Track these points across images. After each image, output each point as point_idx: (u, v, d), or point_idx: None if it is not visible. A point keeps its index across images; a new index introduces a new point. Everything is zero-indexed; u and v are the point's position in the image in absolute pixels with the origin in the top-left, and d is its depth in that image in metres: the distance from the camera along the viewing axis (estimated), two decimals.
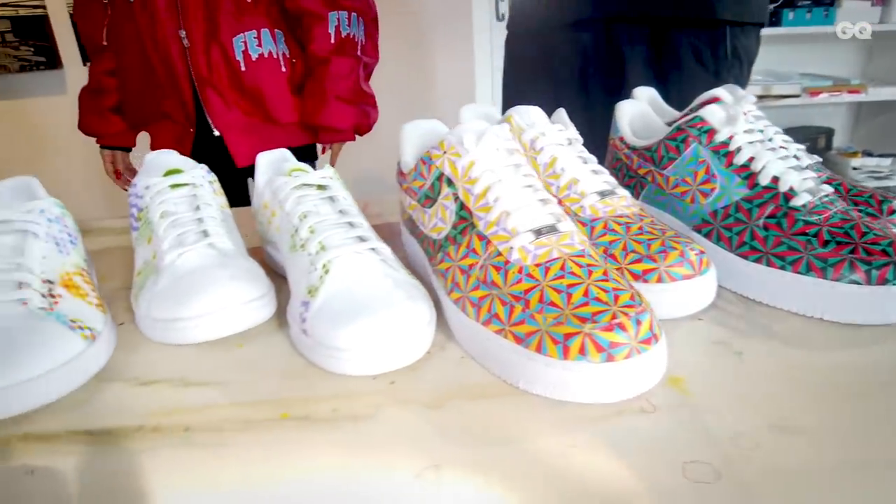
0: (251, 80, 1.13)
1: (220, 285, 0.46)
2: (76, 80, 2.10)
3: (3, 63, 2.06)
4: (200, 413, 0.40)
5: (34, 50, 2.05)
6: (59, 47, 2.06)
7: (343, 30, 1.16)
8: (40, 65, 2.06)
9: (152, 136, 1.28)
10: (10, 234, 0.49)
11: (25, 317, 0.42)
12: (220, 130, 1.16)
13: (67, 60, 2.08)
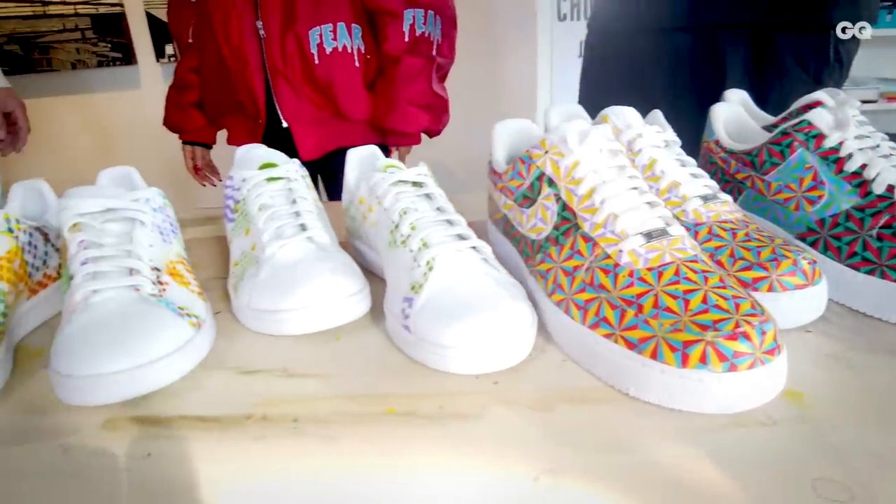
0: (323, 74, 1.14)
1: (321, 279, 0.47)
2: (149, 76, 2.17)
3: (82, 58, 2.14)
4: (307, 404, 0.40)
5: (111, 46, 2.13)
6: (134, 44, 2.13)
7: (418, 28, 1.16)
8: (116, 61, 2.14)
9: (228, 130, 1.31)
10: (118, 221, 0.50)
11: (138, 302, 0.44)
12: (289, 122, 1.18)
13: (142, 57, 2.15)
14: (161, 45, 2.10)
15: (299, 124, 1.18)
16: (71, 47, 2.13)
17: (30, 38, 2.14)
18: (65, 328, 0.42)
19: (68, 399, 0.39)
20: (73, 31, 2.11)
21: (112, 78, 2.19)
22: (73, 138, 2.26)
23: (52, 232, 0.57)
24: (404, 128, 1.19)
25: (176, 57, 2.10)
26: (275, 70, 1.14)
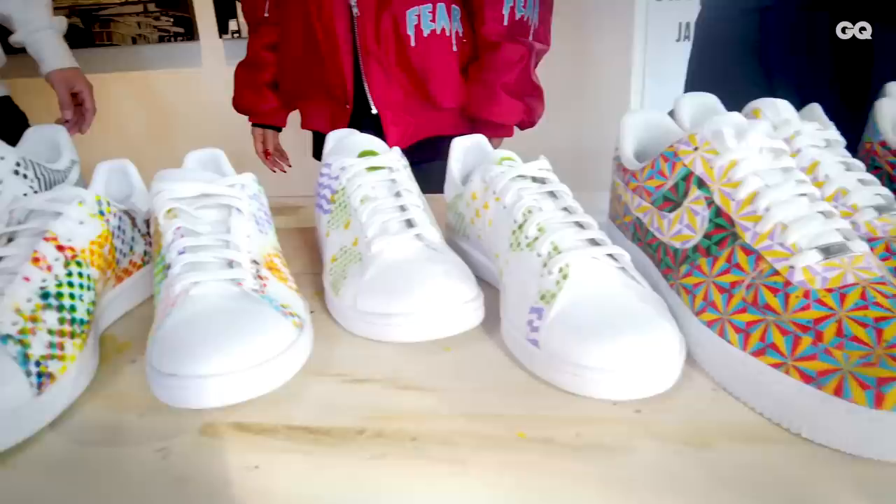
0: (419, 58, 1.14)
1: (435, 282, 0.46)
2: (211, 53, 2.23)
3: (142, 33, 2.22)
4: (425, 422, 0.39)
5: (173, 21, 2.19)
6: (196, 19, 2.19)
7: (518, 11, 1.15)
8: (178, 36, 2.21)
9: (305, 113, 1.32)
10: (213, 208, 0.51)
11: (241, 298, 0.44)
12: (378, 108, 1.18)
13: (204, 32, 2.21)
14: (225, 20, 2.15)
15: (389, 110, 1.19)
16: (132, 21, 2.21)
17: (91, 10, 2.23)
18: (164, 322, 0.42)
19: (169, 400, 0.39)
20: (135, 4, 2.18)
21: (173, 54, 2.25)
22: (129, 116, 2.34)
23: (139, 216, 0.58)
24: (500, 118, 1.18)
25: (239, 33, 2.15)
26: (366, 52, 1.15)
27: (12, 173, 0.58)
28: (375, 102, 1.19)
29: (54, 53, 1.34)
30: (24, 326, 0.41)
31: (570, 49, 2.08)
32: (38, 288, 0.43)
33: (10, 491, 0.36)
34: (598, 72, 2.11)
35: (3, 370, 0.39)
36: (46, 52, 1.33)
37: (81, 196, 0.49)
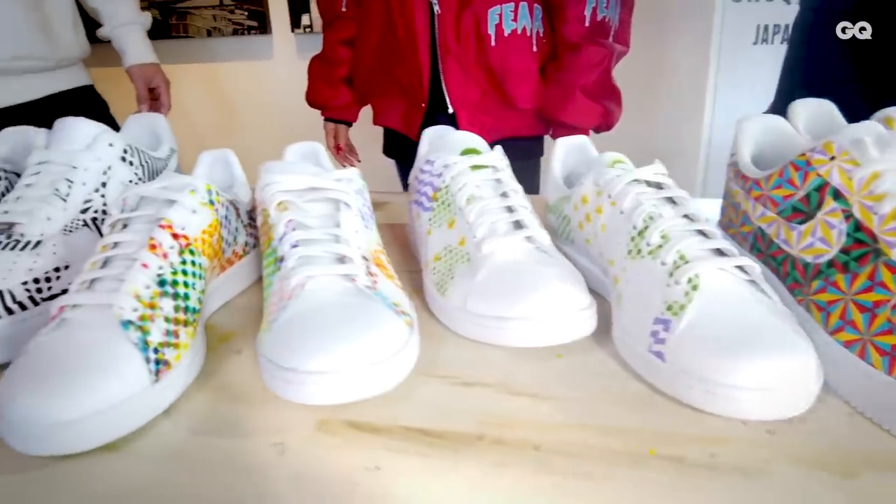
0: (498, 58, 1.13)
1: (550, 287, 0.45)
2: (283, 46, 2.26)
3: (217, 26, 2.26)
4: (546, 431, 0.38)
5: (247, 14, 2.23)
6: (270, 13, 2.22)
7: (600, 12, 1.12)
8: (252, 29, 2.24)
9: (379, 110, 1.32)
10: (321, 202, 0.50)
11: (354, 295, 0.43)
12: (455, 108, 1.18)
13: (277, 26, 2.24)
14: (297, 14, 2.18)
15: (465, 110, 1.18)
16: (208, 14, 2.26)
17: (169, 3, 2.28)
18: (279, 315, 0.42)
19: (287, 394, 0.39)
20: None
21: (245, 47, 2.29)
22: (201, 107, 2.39)
23: (242, 206, 0.58)
24: (577, 121, 1.16)
25: (311, 28, 2.17)
26: (445, 50, 1.14)
27: (120, 160, 0.59)
28: (452, 102, 1.18)
29: (136, 48, 1.37)
30: (143, 313, 0.41)
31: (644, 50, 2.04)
32: (156, 275, 0.44)
33: (129, 477, 0.36)
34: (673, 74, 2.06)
35: (125, 356, 0.39)
36: (129, 47, 1.36)
37: (193, 185, 0.49)
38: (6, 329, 0.47)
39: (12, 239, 0.51)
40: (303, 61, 2.30)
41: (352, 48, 1.33)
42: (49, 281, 0.50)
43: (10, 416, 0.36)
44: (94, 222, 0.56)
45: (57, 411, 0.35)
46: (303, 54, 2.24)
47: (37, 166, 0.56)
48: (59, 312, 0.42)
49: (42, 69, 1.20)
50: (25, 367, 0.38)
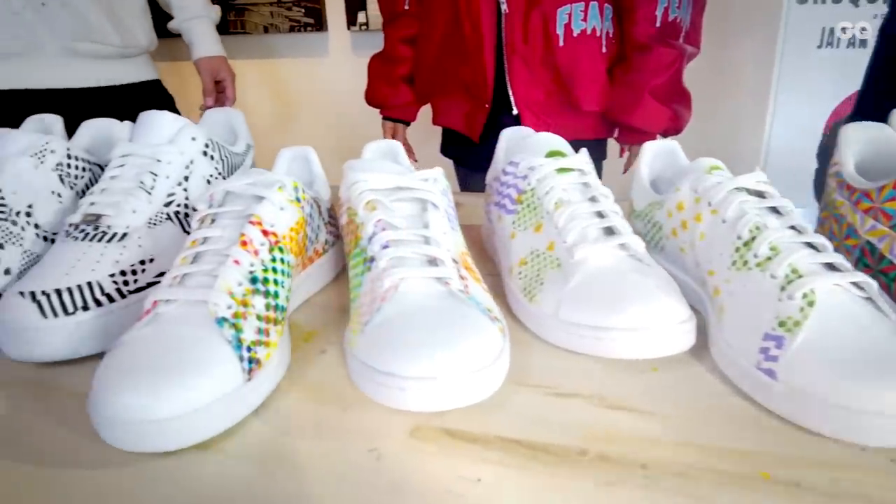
0: (566, 58, 1.11)
1: (650, 298, 0.43)
2: (338, 44, 2.27)
3: (274, 22, 2.28)
4: (652, 448, 0.36)
5: (304, 11, 2.25)
6: (326, 10, 2.23)
7: (671, 12, 1.09)
8: (308, 26, 2.26)
9: (439, 109, 1.31)
10: (408, 202, 0.49)
11: (448, 298, 0.42)
12: (519, 109, 1.16)
13: (333, 24, 2.25)
14: (354, 12, 2.18)
15: (530, 111, 1.16)
16: (265, 10, 2.28)
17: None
18: (373, 317, 0.41)
19: (383, 399, 0.38)
20: None
21: (301, 44, 2.31)
22: (255, 103, 2.41)
23: (323, 204, 0.58)
24: (645, 125, 1.13)
25: (367, 25, 2.18)
26: (512, 49, 1.13)
27: (202, 154, 0.59)
28: (517, 102, 1.17)
29: (204, 41, 1.39)
30: (237, 310, 0.41)
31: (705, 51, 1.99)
32: (248, 272, 0.43)
33: (223, 477, 0.36)
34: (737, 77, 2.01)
35: (220, 354, 0.39)
36: (197, 39, 1.38)
37: (282, 181, 0.49)
38: (95, 321, 0.47)
39: (99, 231, 0.51)
40: (358, 59, 2.32)
41: (413, 46, 1.32)
42: (135, 273, 0.51)
43: (107, 411, 0.36)
44: (177, 216, 0.56)
45: (153, 409, 0.35)
46: (358, 52, 2.24)
47: (121, 158, 0.57)
48: (153, 307, 0.41)
49: (109, 55, 1.22)
50: (121, 362, 0.38)
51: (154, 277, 0.52)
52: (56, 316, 0.46)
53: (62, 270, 0.48)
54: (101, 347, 0.48)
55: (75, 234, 0.51)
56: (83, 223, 0.52)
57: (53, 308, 0.46)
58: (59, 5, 1.13)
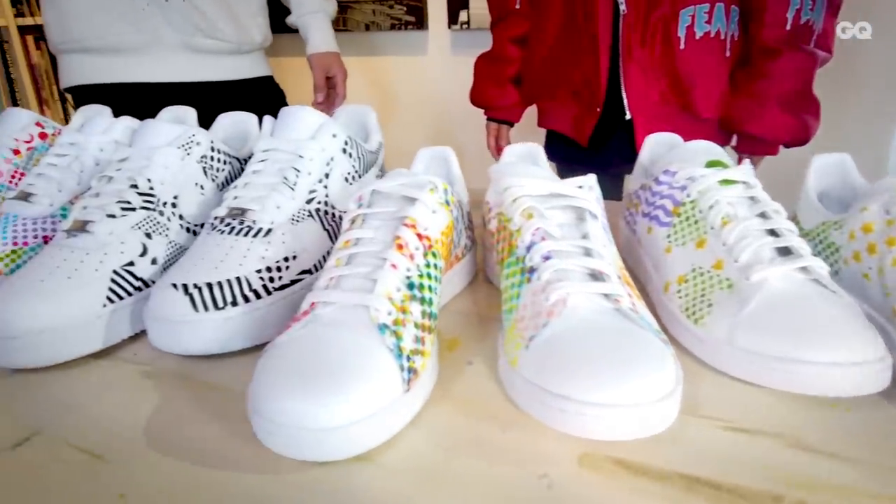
0: (686, 63, 1.05)
1: (846, 330, 0.38)
2: (438, 42, 2.26)
3: (376, 20, 2.29)
4: (856, 500, 0.32)
5: (406, 9, 2.24)
6: (428, 8, 2.23)
7: (804, 14, 1.02)
8: (408, 24, 2.25)
9: (547, 112, 1.28)
10: (562, 210, 0.47)
11: (618, 318, 0.39)
12: (633, 114, 1.11)
13: (433, 22, 2.24)
14: (456, 11, 2.16)
15: (643, 116, 1.11)
16: (367, 8, 2.29)
17: None
18: (538, 333, 0.38)
19: (555, 422, 0.36)
20: None
21: (400, 42, 2.31)
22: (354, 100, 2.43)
23: (464, 207, 0.56)
24: (769, 134, 1.06)
25: (468, 24, 2.16)
26: (628, 52, 1.08)
27: (341, 151, 0.58)
28: (630, 107, 1.11)
29: (320, 36, 1.39)
30: (397, 317, 0.39)
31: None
32: (405, 277, 0.41)
33: (386, 492, 0.34)
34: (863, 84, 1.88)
35: (382, 362, 0.37)
36: (312, 34, 1.38)
37: (433, 183, 0.47)
38: (243, 317, 0.47)
39: (244, 225, 0.51)
40: (457, 58, 2.30)
41: (522, 47, 1.29)
42: (280, 270, 0.50)
43: (268, 415, 0.34)
44: (318, 213, 0.54)
45: (315, 417, 0.34)
46: (457, 51, 2.22)
47: (264, 153, 0.56)
48: (311, 308, 0.40)
49: (225, 51, 1.24)
50: (282, 364, 0.36)
51: (297, 275, 0.51)
52: (207, 310, 0.45)
53: (211, 264, 0.47)
54: (247, 344, 0.47)
55: (221, 227, 0.51)
56: (228, 217, 0.51)
57: (205, 302, 0.45)
58: (181, 1, 1.15)
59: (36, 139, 0.70)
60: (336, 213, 0.56)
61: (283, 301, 0.49)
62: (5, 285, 0.47)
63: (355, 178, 0.59)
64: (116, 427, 0.40)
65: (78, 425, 0.41)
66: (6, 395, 0.45)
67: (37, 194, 0.60)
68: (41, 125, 0.71)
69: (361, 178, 0.61)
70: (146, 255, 0.52)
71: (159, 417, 0.41)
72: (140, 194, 0.53)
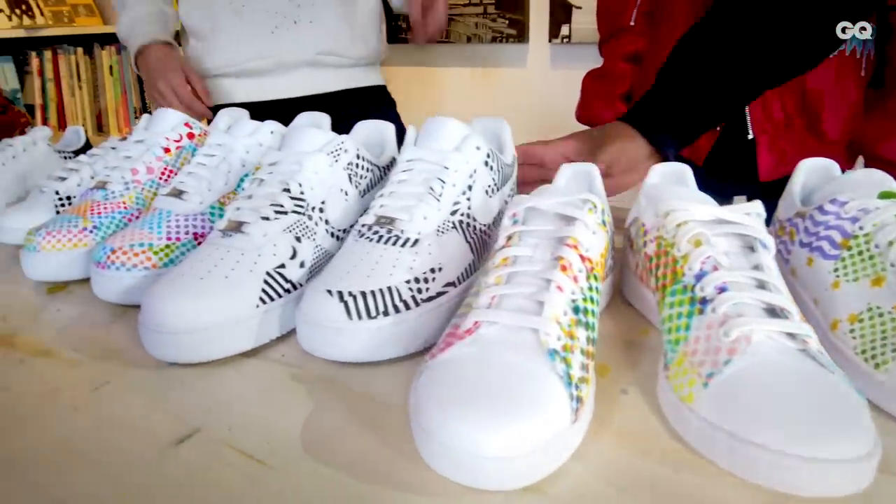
0: (817, 81, 0.98)
1: None
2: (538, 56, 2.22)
3: (478, 33, 2.28)
4: None
5: (508, 22, 2.22)
6: (530, 22, 2.20)
7: None
8: (509, 37, 2.23)
9: None
10: (726, 237, 0.43)
11: (808, 361, 0.35)
12: (755, 133, 1.05)
13: (534, 36, 2.21)
14: (557, 25, 2.12)
15: (766, 136, 1.04)
16: (471, 21, 2.27)
17: None
18: (720, 370, 0.35)
19: (747, 472, 0.32)
20: (476, 5, 2.25)
21: (500, 54, 2.28)
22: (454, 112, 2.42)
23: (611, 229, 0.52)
24: None
25: (569, 39, 2.11)
26: None
27: (483, 164, 0.55)
28: (753, 126, 1.05)
29: None
30: (566, 343, 0.36)
31: None
32: (570, 300, 0.39)
33: None
34: None
35: (553, 390, 0.34)
36: None
37: (592, 202, 0.44)
38: (392, 327, 0.45)
39: (392, 234, 0.49)
40: (555, 71, 2.26)
41: (635, 64, 1.24)
42: (426, 282, 0.48)
43: (441, 438, 0.32)
44: (461, 225, 0.52)
45: (484, 444, 0.31)
46: (556, 64, 2.18)
47: (409, 163, 0.54)
48: (475, 327, 0.38)
49: (346, 65, 1.24)
50: (451, 383, 0.35)
51: (442, 287, 0.49)
52: (360, 318, 0.44)
53: (363, 272, 0.46)
54: (395, 354, 0.46)
55: (369, 234, 0.50)
56: (377, 225, 0.50)
57: (358, 310, 0.44)
58: (309, 22, 1.16)
59: (184, 139, 0.72)
60: (477, 227, 0.54)
61: (430, 314, 0.47)
62: (166, 281, 0.47)
63: (494, 191, 0.57)
64: (275, 431, 0.39)
65: (236, 425, 0.40)
66: (163, 388, 0.45)
67: (188, 192, 0.60)
68: (189, 125, 0.72)
69: (499, 191, 0.58)
70: (296, 258, 0.51)
71: (316, 425, 0.40)
72: (292, 198, 0.53)
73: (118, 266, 0.54)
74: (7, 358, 0.50)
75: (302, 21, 1.16)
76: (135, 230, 0.57)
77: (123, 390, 0.45)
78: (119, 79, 2.50)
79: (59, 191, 0.74)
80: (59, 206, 0.73)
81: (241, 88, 1.21)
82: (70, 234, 0.61)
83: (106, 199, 0.65)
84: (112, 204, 0.65)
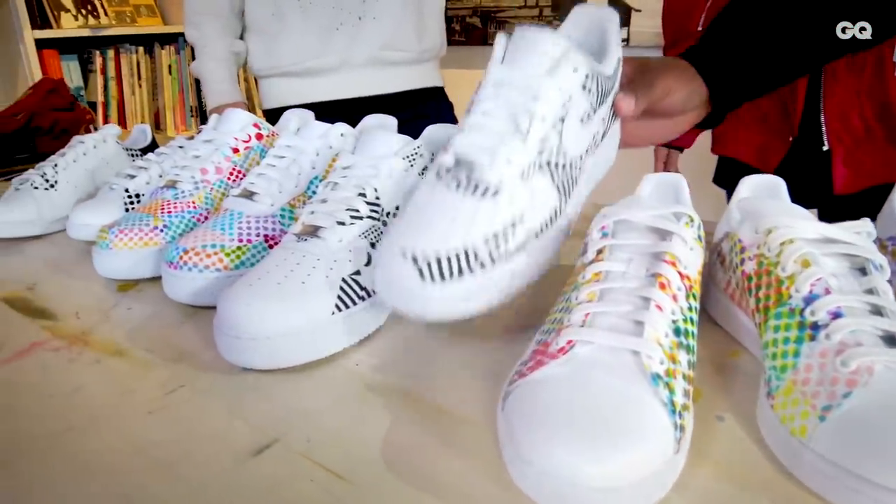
0: None
1: None
2: None
3: None
4: None
5: None
6: None
7: None
8: None
9: (725, 138, 1.18)
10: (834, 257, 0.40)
11: None
12: (831, 143, 1.00)
13: None
14: None
15: (843, 147, 1.00)
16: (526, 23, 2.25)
17: (491, 12, 2.32)
18: (839, 403, 0.32)
19: None
20: (532, 7, 2.22)
21: None
22: None
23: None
24: None
25: (627, 42, 2.07)
26: (832, 77, 0.97)
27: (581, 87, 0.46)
28: (829, 136, 1.00)
29: None
30: (669, 367, 0.34)
31: None
32: (671, 321, 0.36)
33: None
34: None
35: (657, 418, 0.32)
36: None
37: (689, 216, 0.42)
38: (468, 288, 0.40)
39: (472, 182, 0.42)
40: None
41: None
42: (505, 237, 0.42)
43: (540, 465, 0.31)
44: (549, 166, 0.45)
45: (593, 475, 0.30)
46: None
47: (494, 89, 0.46)
48: (569, 346, 0.36)
49: (408, 61, 1.23)
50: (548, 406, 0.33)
51: (522, 242, 0.42)
52: (433, 281, 0.38)
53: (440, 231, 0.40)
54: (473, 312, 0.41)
55: (448, 179, 0.43)
56: (455, 168, 0.42)
57: (432, 273, 0.38)
58: (373, 18, 1.16)
59: (253, 139, 0.71)
60: (567, 164, 0.47)
61: (505, 272, 0.42)
62: (243, 285, 0.47)
63: (590, 116, 0.49)
64: (353, 445, 0.38)
65: (314, 437, 0.39)
66: (238, 394, 0.44)
67: (259, 193, 0.60)
68: (258, 126, 0.72)
69: (596, 114, 0.49)
70: (370, 264, 0.50)
71: (395, 440, 0.38)
72: (367, 203, 0.51)
73: (190, 267, 0.54)
74: (83, 357, 0.49)
75: (367, 17, 1.15)
76: (206, 231, 0.57)
77: (198, 395, 0.44)
78: (177, 78, 2.55)
79: (129, 188, 0.74)
80: (129, 203, 0.73)
81: (301, 89, 1.21)
82: (142, 232, 0.61)
83: (176, 198, 0.65)
84: (182, 203, 0.65)
